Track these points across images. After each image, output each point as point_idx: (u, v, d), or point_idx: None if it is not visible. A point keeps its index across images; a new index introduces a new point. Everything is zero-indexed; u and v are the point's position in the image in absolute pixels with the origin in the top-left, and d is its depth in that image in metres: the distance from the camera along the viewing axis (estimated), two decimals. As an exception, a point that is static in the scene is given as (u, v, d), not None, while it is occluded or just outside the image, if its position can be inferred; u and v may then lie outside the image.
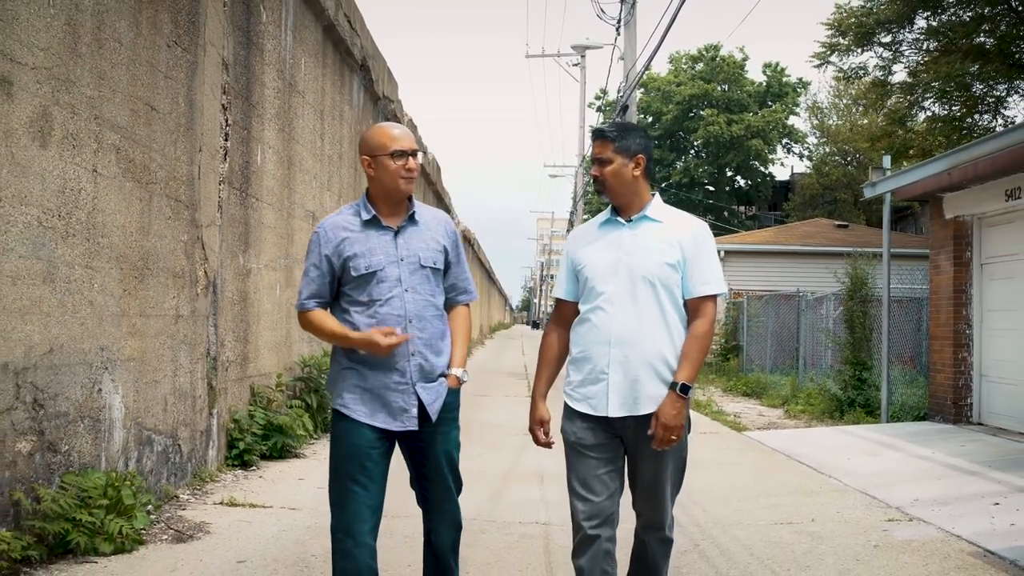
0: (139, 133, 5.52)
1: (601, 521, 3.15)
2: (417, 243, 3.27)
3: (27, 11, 4.31)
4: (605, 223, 3.31)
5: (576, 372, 3.24)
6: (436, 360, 3.25)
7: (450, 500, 3.32)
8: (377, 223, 3.26)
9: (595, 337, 3.17)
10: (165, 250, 5.94)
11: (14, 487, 4.25)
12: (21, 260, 4.29)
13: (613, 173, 3.22)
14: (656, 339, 3.12)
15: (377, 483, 3.18)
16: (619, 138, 3.21)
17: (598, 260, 3.23)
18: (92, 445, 4.99)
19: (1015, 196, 8.55)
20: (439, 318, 3.30)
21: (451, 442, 3.32)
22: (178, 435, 6.19)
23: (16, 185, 4.24)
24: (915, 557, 4.88)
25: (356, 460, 3.16)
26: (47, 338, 4.52)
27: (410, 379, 3.18)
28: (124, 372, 5.37)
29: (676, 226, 3.24)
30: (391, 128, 3.28)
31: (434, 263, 3.28)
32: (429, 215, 3.38)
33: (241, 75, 7.42)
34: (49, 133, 4.52)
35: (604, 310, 3.16)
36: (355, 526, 3.12)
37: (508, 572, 4.47)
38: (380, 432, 3.18)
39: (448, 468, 3.30)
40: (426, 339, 3.22)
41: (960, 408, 9.79)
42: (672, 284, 3.16)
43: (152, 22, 5.68)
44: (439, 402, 3.22)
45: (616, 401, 3.12)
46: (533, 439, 3.34)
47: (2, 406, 4.15)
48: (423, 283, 3.24)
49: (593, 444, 3.18)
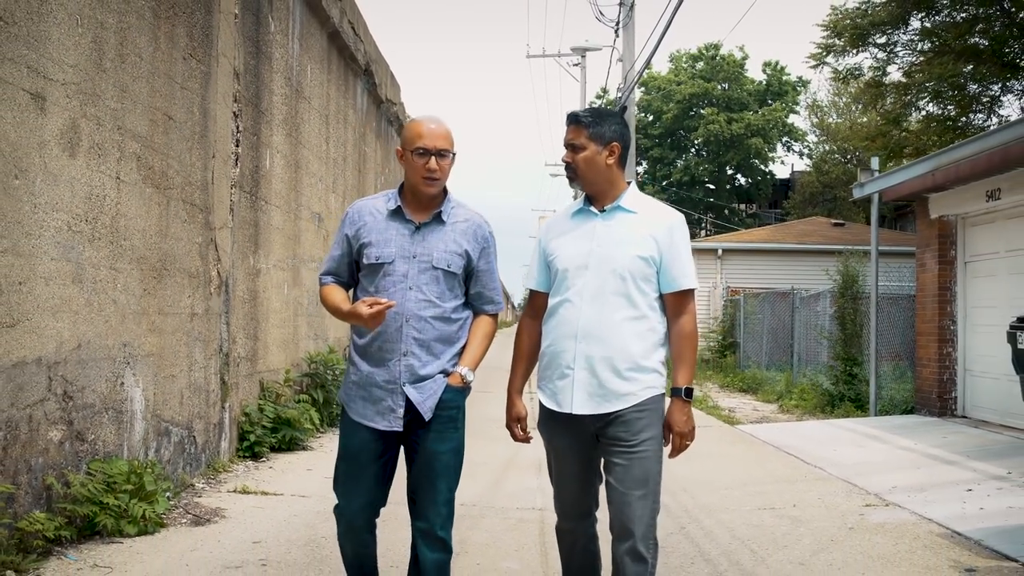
0: (158, 141, 5.86)
1: (578, 514, 3.18)
2: (436, 242, 3.16)
3: (58, 31, 4.64)
4: (578, 213, 3.20)
5: (546, 367, 3.17)
6: (431, 363, 3.13)
7: (434, 509, 3.12)
8: (401, 215, 3.19)
9: (563, 331, 3.08)
10: (181, 252, 6.28)
11: (47, 472, 4.59)
12: (53, 262, 4.63)
13: (586, 160, 3.11)
14: (624, 335, 3.02)
15: (369, 483, 3.15)
16: (593, 124, 3.10)
17: (569, 251, 3.13)
18: (115, 435, 5.33)
19: (995, 197, 8.88)
20: (444, 322, 3.15)
21: (446, 443, 3.15)
22: (193, 427, 6.53)
23: (48, 193, 4.58)
24: (887, 538, 5.21)
25: (350, 459, 3.17)
26: (75, 334, 4.85)
27: (399, 379, 3.10)
28: (144, 367, 5.71)
29: (651, 218, 3.13)
30: (425, 123, 3.17)
31: (448, 265, 3.15)
32: (461, 216, 3.25)
33: (251, 83, 7.75)
34: (77, 144, 4.85)
35: (572, 303, 3.07)
36: (349, 519, 3.18)
37: (506, 552, 4.80)
38: (375, 432, 3.13)
39: (439, 471, 3.13)
40: (422, 340, 3.11)
41: (945, 401, 10.11)
42: (644, 278, 3.06)
43: (169, 36, 6.01)
44: (432, 400, 3.10)
45: (581, 398, 3.03)
46: (511, 435, 3.29)
47: (36, 397, 4.49)
48: (431, 284, 3.13)
49: (565, 444, 3.14)
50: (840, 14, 20.77)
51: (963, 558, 4.76)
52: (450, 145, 3.16)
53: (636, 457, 2.98)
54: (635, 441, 2.99)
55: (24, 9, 4.34)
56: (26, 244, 4.38)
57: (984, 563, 4.67)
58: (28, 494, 4.42)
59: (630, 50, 19.65)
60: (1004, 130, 8.04)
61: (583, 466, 3.14)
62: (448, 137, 3.16)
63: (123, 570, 4.31)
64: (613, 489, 3.01)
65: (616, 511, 2.99)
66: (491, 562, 4.58)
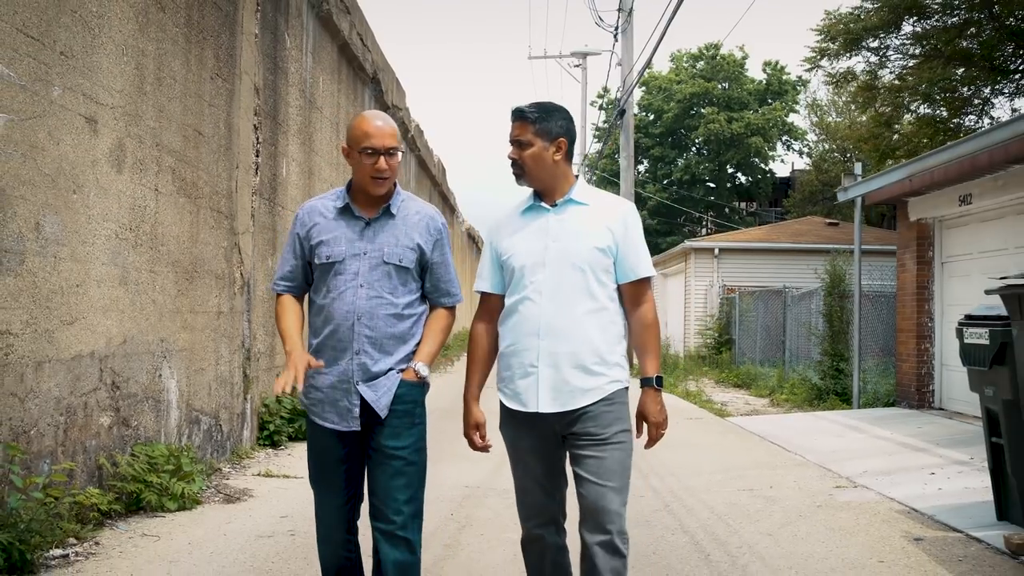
0: (189, 155, 6.43)
1: (543, 522, 3.08)
2: (386, 237, 3.11)
3: (107, 61, 5.22)
4: (528, 209, 3.13)
5: (506, 368, 3.08)
6: (384, 360, 3.07)
7: (392, 506, 3.03)
8: (349, 212, 3.14)
9: (524, 329, 3.01)
10: (209, 255, 6.85)
11: (99, 453, 5.17)
12: (103, 267, 5.21)
13: (532, 157, 3.04)
14: (587, 329, 2.98)
15: (338, 485, 3.10)
16: (540, 120, 3.03)
17: (524, 248, 3.06)
18: (155, 422, 5.91)
19: (967, 202, 9.44)
20: (398, 318, 3.09)
21: (403, 439, 3.06)
22: (219, 416, 7.11)
23: (100, 205, 5.16)
24: (850, 513, 5.78)
25: (317, 462, 3.15)
26: (122, 331, 5.43)
27: (352, 378, 3.04)
28: (178, 361, 6.29)
29: (604, 209, 3.09)
30: (370, 120, 3.10)
31: (399, 260, 3.10)
32: (411, 209, 3.20)
33: (269, 97, 8.33)
34: (123, 160, 5.43)
35: (532, 300, 3.00)
36: (323, 522, 3.14)
37: (506, 526, 5.36)
38: (336, 433, 3.08)
39: (398, 468, 3.05)
40: (374, 338, 3.05)
41: (923, 395, 10.68)
42: (601, 269, 3.02)
43: (199, 59, 6.58)
44: (386, 397, 3.05)
45: (547, 396, 2.97)
46: (469, 444, 3.18)
47: (90, 387, 5.07)
48: (382, 280, 3.08)
49: (528, 445, 3.06)
50: (834, 19, 21.30)
51: (914, 530, 5.32)
52: (397, 143, 3.10)
53: (609, 449, 2.94)
54: (606, 434, 2.95)
55: (80, 43, 4.91)
56: (82, 251, 4.96)
57: (932, 534, 5.23)
58: (84, 472, 5.01)
59: (629, 54, 20.20)
60: (971, 140, 8.59)
61: (548, 468, 3.06)
62: (395, 135, 3.11)
63: (169, 538, 4.89)
64: (586, 482, 2.93)
65: (590, 504, 2.92)
66: (494, 534, 5.14)
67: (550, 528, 3.09)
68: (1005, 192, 8.75)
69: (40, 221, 4.55)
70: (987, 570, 4.49)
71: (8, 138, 4.28)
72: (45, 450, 4.62)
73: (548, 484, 3.07)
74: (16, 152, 4.34)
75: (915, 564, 4.61)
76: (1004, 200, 8.91)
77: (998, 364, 5.00)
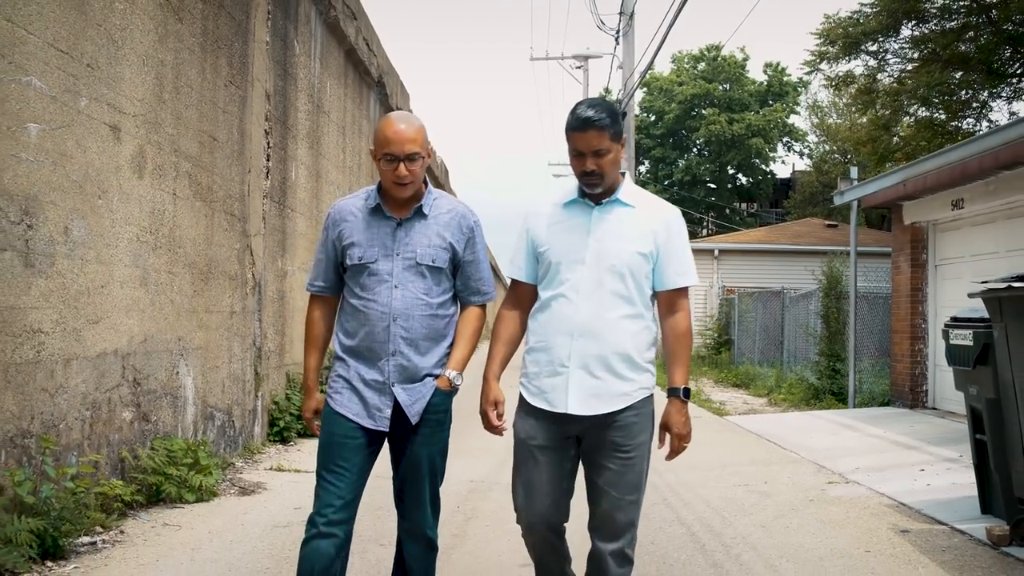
0: (205, 160, 6.67)
1: (547, 525, 3.00)
2: (418, 238, 3.09)
3: (129, 71, 5.45)
4: (571, 204, 3.05)
5: (533, 363, 3.03)
6: (420, 361, 3.07)
7: (421, 510, 3.12)
8: (381, 212, 3.13)
9: (556, 327, 2.95)
10: (223, 257, 7.09)
11: (121, 447, 5.41)
12: (126, 268, 5.44)
13: (612, 162, 2.94)
14: (621, 334, 2.92)
15: (351, 474, 3.04)
16: (612, 123, 2.90)
17: (563, 243, 2.99)
18: (172, 417, 6.15)
19: (959, 206, 9.67)
20: (433, 318, 3.09)
21: (434, 445, 3.12)
22: (232, 413, 7.35)
23: (123, 209, 5.39)
24: (840, 507, 6.01)
25: (332, 448, 3.07)
26: (142, 330, 5.67)
27: (388, 379, 3.05)
28: (194, 359, 6.52)
29: (649, 212, 3.01)
30: (392, 125, 3.04)
31: (432, 260, 3.08)
32: (443, 208, 3.17)
33: (279, 103, 8.56)
34: (144, 166, 5.66)
35: (568, 298, 2.94)
36: (321, 514, 3.02)
37: (509, 518, 5.56)
38: (359, 426, 3.06)
39: (426, 473, 3.11)
40: (411, 339, 3.06)
41: (917, 394, 10.91)
42: (641, 275, 2.96)
43: (214, 67, 6.82)
44: (420, 404, 3.06)
45: (576, 397, 2.91)
46: (483, 422, 3.11)
47: (113, 383, 5.30)
48: (416, 280, 3.07)
49: (544, 445, 2.98)
50: (833, 22, 21.52)
51: (901, 522, 5.56)
52: (419, 147, 3.04)
53: (631, 462, 2.92)
54: (631, 446, 2.92)
55: (105, 55, 5.15)
56: (107, 254, 5.20)
57: (918, 526, 5.46)
58: (108, 464, 5.24)
59: (630, 58, 20.43)
60: (963, 146, 8.82)
61: (560, 470, 2.99)
62: (417, 139, 3.03)
63: (190, 528, 5.13)
64: (603, 492, 2.93)
65: (605, 514, 2.93)
66: (499, 524, 5.37)
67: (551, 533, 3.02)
68: (996, 197, 8.98)
69: (68, 225, 4.78)
70: (968, 560, 4.73)
71: (40, 147, 4.51)
72: (73, 443, 4.85)
73: (557, 487, 2.98)
74: (47, 160, 4.57)
75: (900, 554, 4.84)
76: (995, 205, 9.15)
77: (981, 364, 5.23)
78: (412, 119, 3.10)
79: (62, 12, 4.68)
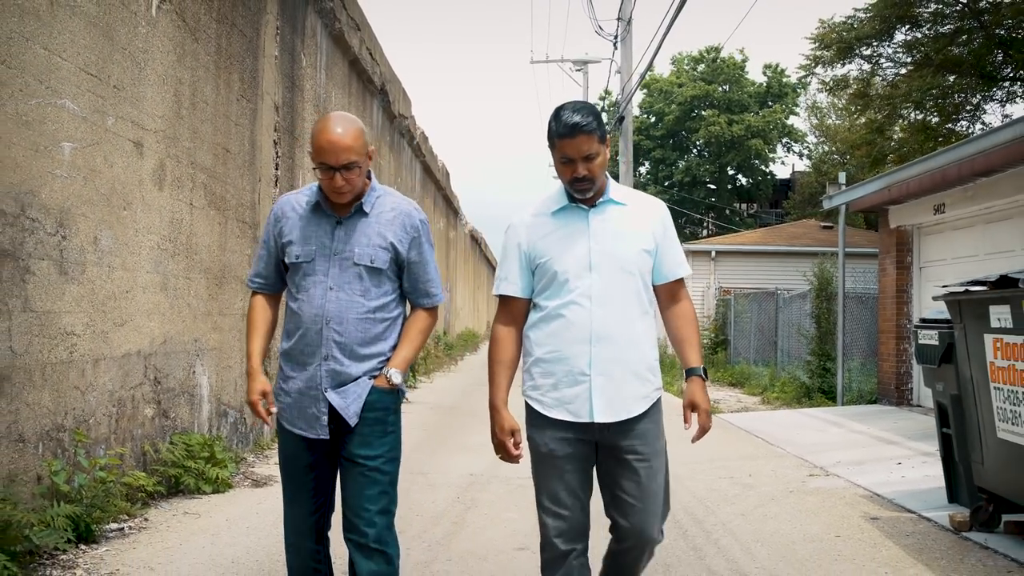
0: (219, 171, 7.06)
1: (574, 536, 2.93)
2: (358, 237, 2.97)
3: (151, 91, 5.84)
4: (562, 211, 2.98)
5: (544, 375, 2.93)
6: (354, 367, 2.94)
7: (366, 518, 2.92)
8: (321, 210, 3.01)
9: (571, 335, 2.87)
10: (235, 262, 7.48)
11: (143, 441, 5.80)
12: (148, 275, 5.83)
13: (601, 165, 2.91)
14: (638, 333, 2.91)
15: (307, 492, 3.00)
16: (599, 127, 2.87)
17: (565, 251, 2.92)
18: (189, 414, 6.54)
19: (940, 211, 10.05)
20: (369, 321, 2.97)
21: (373, 448, 2.94)
22: (243, 411, 7.73)
23: (145, 219, 5.78)
24: (818, 497, 6.39)
25: (286, 468, 3.06)
26: (162, 332, 6.06)
27: (320, 384, 2.93)
28: (209, 359, 6.91)
29: (642, 209, 3.02)
30: (326, 132, 2.87)
31: (371, 261, 2.96)
32: (387, 205, 3.04)
33: (287, 114, 8.95)
34: (163, 179, 6.05)
35: (581, 305, 2.87)
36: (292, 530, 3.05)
37: (506, 507, 5.97)
38: (305, 440, 2.97)
39: (369, 479, 2.93)
40: (344, 343, 2.93)
41: (902, 392, 11.29)
42: (647, 271, 2.96)
43: (227, 82, 7.21)
44: (356, 404, 2.92)
45: (601, 405, 2.85)
46: (500, 454, 3.00)
47: (136, 381, 5.69)
48: (353, 282, 2.95)
49: (567, 455, 2.91)
50: (828, 27, 21.90)
51: (873, 511, 5.94)
52: (356, 154, 2.88)
53: (653, 469, 2.90)
54: (648, 453, 2.90)
55: (129, 76, 5.53)
56: (131, 261, 5.58)
57: (888, 514, 5.85)
58: (132, 457, 5.63)
59: (628, 63, 20.79)
60: (942, 154, 9.19)
61: (584, 479, 2.96)
62: (353, 146, 2.87)
63: (209, 516, 5.52)
64: (629, 507, 2.89)
65: (634, 523, 2.89)
66: (496, 513, 5.76)
67: (579, 542, 2.96)
68: (974, 203, 9.36)
69: (97, 235, 5.17)
70: (929, 543, 5.11)
71: (72, 163, 4.90)
72: (101, 437, 5.24)
73: (583, 495, 2.95)
74: (79, 175, 4.96)
75: (867, 538, 5.22)
76: (974, 210, 9.53)
77: (945, 362, 5.61)
78: (348, 123, 2.92)
79: (92, 39, 5.07)
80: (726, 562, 4.73)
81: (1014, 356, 4.59)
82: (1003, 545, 4.97)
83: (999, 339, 4.73)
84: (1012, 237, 8.90)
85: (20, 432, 4.42)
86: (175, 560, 4.57)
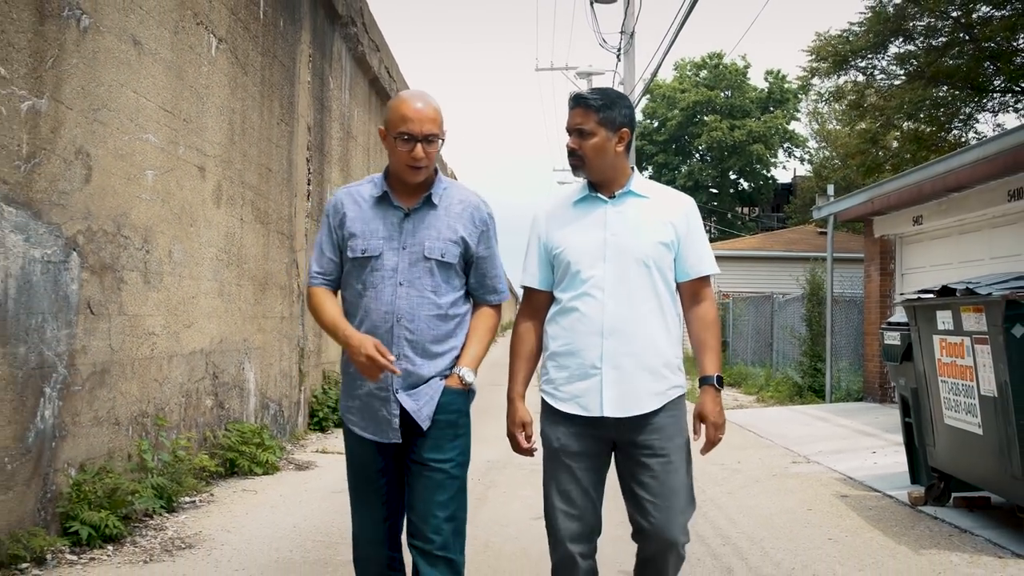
0: (263, 189, 7.90)
1: (585, 537, 2.88)
2: (427, 230, 2.85)
3: (211, 121, 6.68)
4: (582, 200, 2.93)
5: (558, 368, 2.89)
6: (426, 365, 2.84)
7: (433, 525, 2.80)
8: (388, 201, 2.88)
9: (584, 328, 2.82)
10: (276, 270, 8.32)
11: (204, 428, 6.63)
12: (208, 282, 6.67)
13: (594, 148, 2.84)
14: (653, 328, 2.84)
15: (378, 498, 2.89)
16: (604, 108, 2.82)
17: (580, 242, 2.87)
18: (240, 405, 7.38)
19: (919, 222, 10.87)
20: (442, 319, 2.85)
21: (444, 451, 2.83)
22: (282, 404, 8.57)
23: (206, 234, 6.62)
24: (796, 480, 7.21)
25: (356, 475, 2.96)
26: (219, 333, 6.89)
27: (391, 386, 2.81)
28: (255, 357, 7.75)
29: (665, 202, 2.94)
30: (410, 103, 2.81)
31: (441, 255, 2.84)
32: (455, 198, 2.93)
33: (318, 133, 9.79)
34: (220, 198, 6.89)
35: (593, 297, 2.82)
36: (363, 539, 2.95)
37: (522, 486, 6.78)
38: (376, 445, 2.86)
39: (438, 483, 2.81)
40: (415, 341, 2.82)
41: (885, 391, 12.10)
42: (665, 266, 2.87)
43: (270, 108, 8.05)
44: (429, 406, 2.82)
45: (611, 399, 2.80)
46: (512, 446, 2.97)
47: (200, 376, 6.53)
48: (424, 277, 2.83)
49: (579, 451, 2.86)
50: (824, 40, 22.69)
51: (844, 491, 6.76)
52: (438, 128, 2.82)
53: (672, 464, 2.83)
54: (668, 448, 2.84)
55: (195, 110, 6.37)
56: (196, 271, 6.42)
57: (856, 493, 6.66)
58: (195, 442, 6.46)
59: (631, 75, 21.59)
60: (917, 171, 10.01)
61: (597, 477, 2.90)
62: (436, 119, 2.82)
63: (264, 493, 6.35)
64: (646, 501, 2.82)
65: (654, 522, 2.81)
66: (513, 491, 6.58)
67: (589, 543, 2.90)
68: (948, 215, 10.17)
69: (172, 249, 6.01)
70: (887, 515, 5.93)
71: (154, 188, 5.73)
72: (173, 424, 6.07)
73: (596, 494, 2.90)
74: (158, 198, 5.80)
75: (835, 511, 6.04)
76: (948, 222, 10.33)
77: (906, 360, 6.41)
78: (430, 98, 2.88)
79: (168, 80, 5.90)
80: (712, 529, 5.55)
81: (955, 354, 5.41)
82: (950, 516, 5.78)
83: (944, 339, 5.54)
84: (981, 247, 9.71)
85: (116, 416, 5.26)
86: (246, 525, 5.40)
